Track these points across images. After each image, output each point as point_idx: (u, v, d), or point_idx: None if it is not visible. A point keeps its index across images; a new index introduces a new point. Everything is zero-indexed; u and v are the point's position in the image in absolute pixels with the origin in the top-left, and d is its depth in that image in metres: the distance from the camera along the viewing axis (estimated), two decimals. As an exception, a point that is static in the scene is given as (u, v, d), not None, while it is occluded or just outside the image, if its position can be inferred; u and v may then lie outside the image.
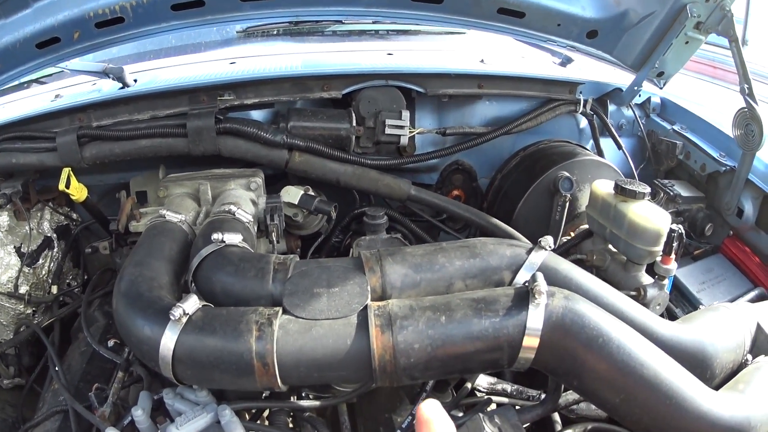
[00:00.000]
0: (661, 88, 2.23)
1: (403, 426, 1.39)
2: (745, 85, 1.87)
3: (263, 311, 1.22)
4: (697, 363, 1.32)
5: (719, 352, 1.34)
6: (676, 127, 2.36)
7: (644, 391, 1.14)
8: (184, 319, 1.18)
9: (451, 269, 1.35)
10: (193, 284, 1.45)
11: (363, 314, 1.23)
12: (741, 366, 1.40)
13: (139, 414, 1.28)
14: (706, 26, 1.91)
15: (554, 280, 1.37)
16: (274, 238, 1.82)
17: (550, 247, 1.44)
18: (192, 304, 1.20)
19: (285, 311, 1.25)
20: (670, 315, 1.92)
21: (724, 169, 2.09)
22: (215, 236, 1.45)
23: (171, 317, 1.16)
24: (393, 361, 1.16)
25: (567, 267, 1.43)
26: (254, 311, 1.22)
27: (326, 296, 1.28)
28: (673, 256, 1.64)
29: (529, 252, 1.43)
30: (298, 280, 1.33)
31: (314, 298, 1.28)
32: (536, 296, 1.17)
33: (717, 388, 1.30)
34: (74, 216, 2.18)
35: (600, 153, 2.42)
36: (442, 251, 1.42)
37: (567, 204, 2.04)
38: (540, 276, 1.20)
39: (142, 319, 1.22)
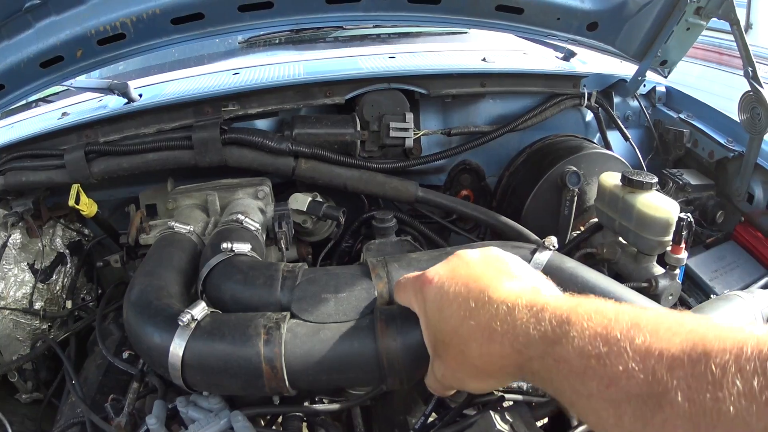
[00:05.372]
0: (665, 77, 2.23)
1: (416, 426, 1.39)
2: (749, 68, 1.86)
3: (271, 316, 1.23)
4: (707, 354, 1.31)
5: (730, 342, 1.33)
6: (682, 116, 2.34)
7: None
8: (193, 325, 1.19)
9: (457, 274, 1.35)
10: (202, 293, 1.46)
11: (370, 317, 1.24)
12: (754, 355, 1.38)
13: (153, 423, 1.29)
14: (707, 11, 1.90)
15: (560, 278, 1.36)
16: (283, 246, 1.82)
17: (554, 246, 1.44)
18: (200, 309, 1.21)
19: (293, 315, 1.26)
20: (683, 305, 1.90)
21: (732, 154, 2.08)
22: (224, 245, 1.46)
23: (180, 323, 1.17)
24: (401, 360, 1.16)
25: (572, 265, 1.42)
26: (262, 316, 1.23)
27: (334, 301, 1.29)
28: (683, 245, 1.63)
29: (533, 253, 1.43)
30: (306, 287, 1.34)
31: (322, 302, 1.28)
32: None
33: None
34: (86, 231, 2.20)
35: (607, 145, 2.41)
36: (448, 256, 1.41)
37: (575, 198, 2.03)
38: None
39: (151, 327, 1.24)
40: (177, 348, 1.18)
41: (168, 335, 1.19)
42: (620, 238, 1.79)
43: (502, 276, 0.96)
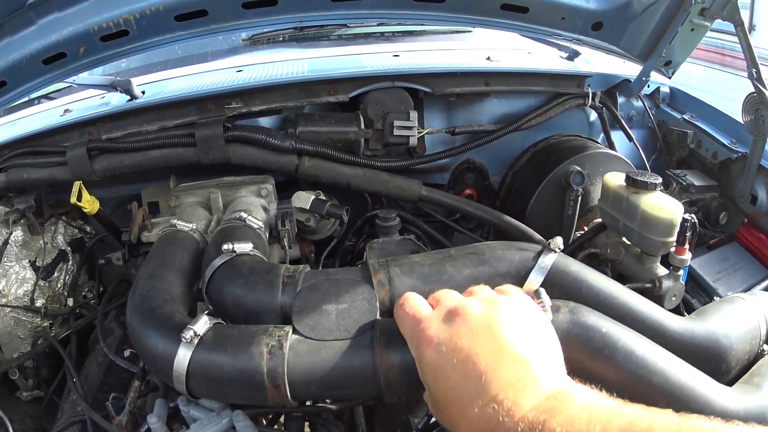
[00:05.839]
0: (669, 78, 2.22)
1: (419, 426, 1.38)
2: (753, 70, 1.85)
3: (273, 332, 1.22)
4: (711, 357, 1.31)
5: (734, 344, 1.32)
6: (686, 116, 2.33)
7: (654, 397, 1.13)
8: (196, 341, 1.19)
9: (460, 278, 1.34)
10: (206, 293, 1.45)
11: (371, 333, 1.23)
12: (757, 356, 1.38)
13: (155, 421, 1.29)
14: (711, 12, 1.89)
15: (565, 281, 1.37)
16: (286, 244, 1.82)
17: (559, 248, 1.42)
18: (202, 324, 1.21)
19: (295, 331, 1.25)
20: (686, 306, 1.90)
21: (735, 156, 2.07)
22: (225, 246, 1.45)
23: (183, 339, 1.18)
24: (398, 379, 1.16)
25: (577, 268, 1.41)
26: (265, 331, 1.22)
27: (335, 314, 1.28)
28: (687, 246, 1.63)
29: (537, 256, 1.41)
30: (307, 295, 1.33)
31: (323, 316, 1.27)
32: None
33: (733, 380, 1.29)
34: (88, 229, 2.20)
35: (611, 146, 2.40)
36: (450, 260, 1.40)
37: (579, 198, 2.02)
38: (543, 292, 1.18)
39: (155, 336, 1.24)
40: (182, 360, 1.18)
41: (172, 346, 1.19)
42: (624, 239, 1.78)
43: (501, 355, 0.94)
